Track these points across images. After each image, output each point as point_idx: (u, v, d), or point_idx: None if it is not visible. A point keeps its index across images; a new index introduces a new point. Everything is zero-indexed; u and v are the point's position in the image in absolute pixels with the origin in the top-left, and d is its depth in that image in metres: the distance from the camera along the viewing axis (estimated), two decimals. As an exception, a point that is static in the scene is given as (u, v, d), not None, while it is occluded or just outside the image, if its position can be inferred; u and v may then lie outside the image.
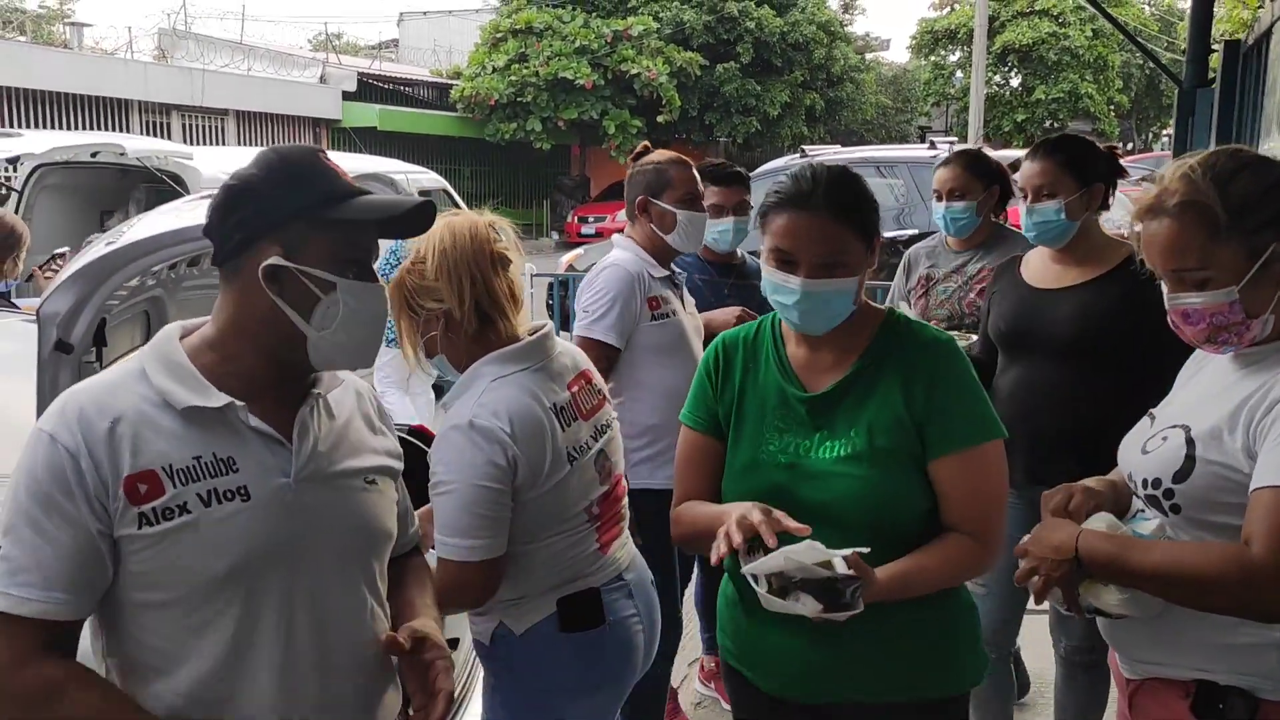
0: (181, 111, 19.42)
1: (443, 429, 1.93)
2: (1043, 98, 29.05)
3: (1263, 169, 1.56)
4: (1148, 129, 39.96)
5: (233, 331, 1.43)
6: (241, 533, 1.39)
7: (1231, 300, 1.53)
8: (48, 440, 1.33)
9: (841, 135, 28.27)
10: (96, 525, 1.33)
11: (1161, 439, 1.63)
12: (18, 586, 1.30)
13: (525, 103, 23.16)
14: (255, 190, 1.41)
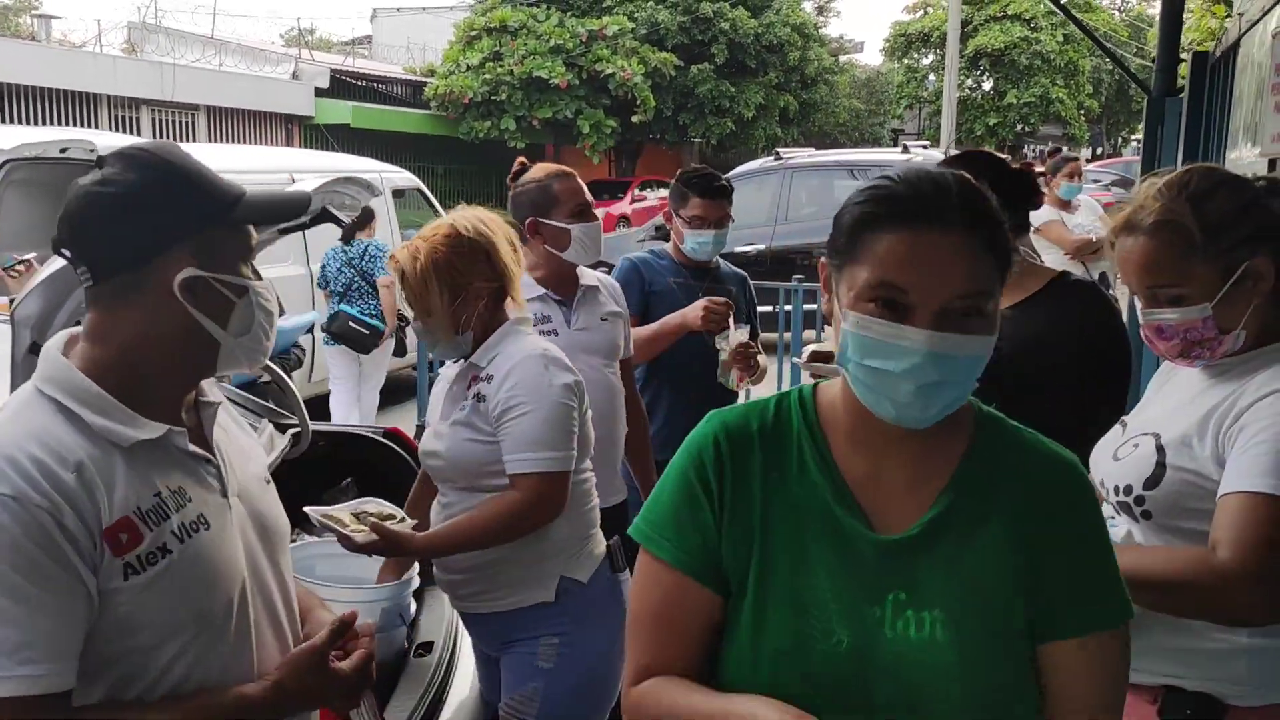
0: (151, 106, 19.21)
1: (510, 363, 2.11)
2: (1014, 101, 29.34)
3: (1237, 188, 1.59)
4: (1117, 134, 40.46)
5: (139, 350, 1.32)
6: (214, 562, 1.35)
7: (1205, 316, 1.56)
8: (11, 504, 1.18)
9: (815, 138, 28.41)
10: (93, 581, 1.23)
11: (1133, 446, 1.65)
12: (21, 665, 1.17)
13: (500, 101, 23.10)
14: (150, 197, 1.31)
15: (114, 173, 1.33)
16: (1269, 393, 1.51)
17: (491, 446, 2.12)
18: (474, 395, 2.15)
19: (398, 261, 2.20)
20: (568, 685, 2.17)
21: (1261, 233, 1.55)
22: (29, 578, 1.18)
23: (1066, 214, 6.42)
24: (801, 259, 9.22)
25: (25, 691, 1.17)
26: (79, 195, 1.33)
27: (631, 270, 3.33)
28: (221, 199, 1.36)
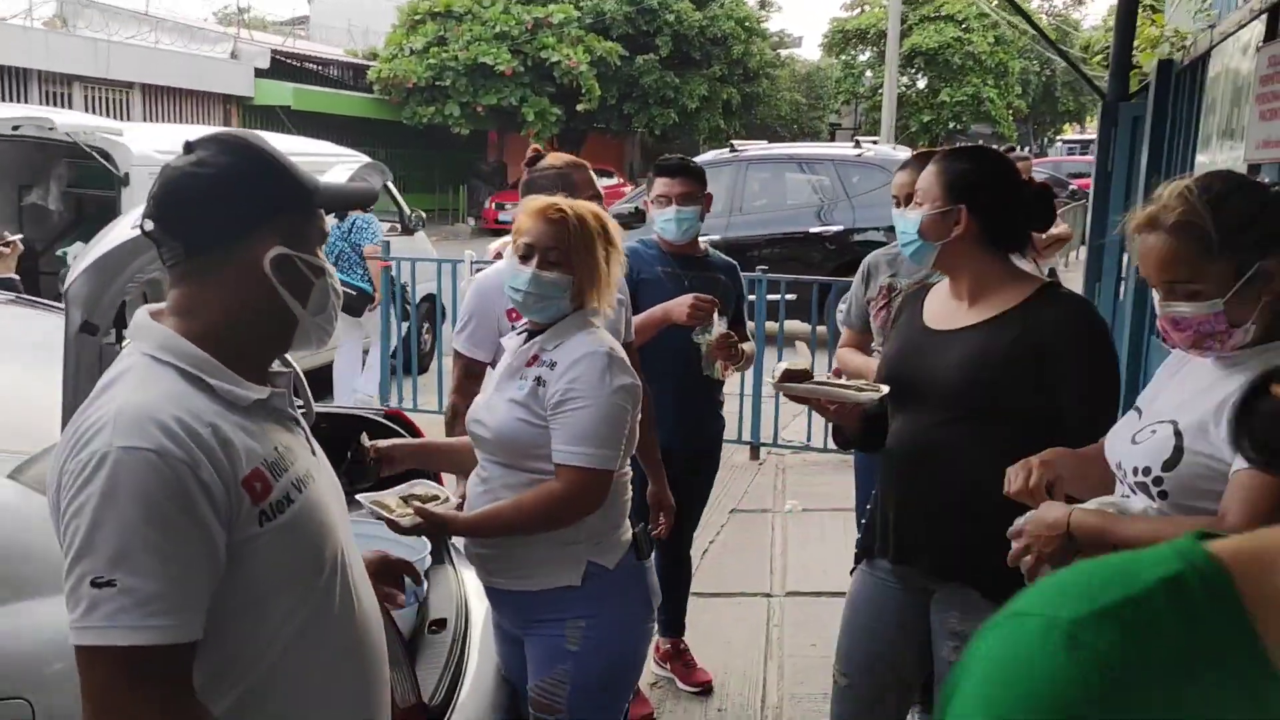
0: (84, 83, 18.69)
1: (575, 355, 2.17)
2: (947, 100, 29.92)
3: (1253, 193, 1.71)
4: (1043, 134, 41.43)
5: (228, 323, 1.40)
6: (323, 514, 1.45)
7: (1216, 311, 1.66)
8: (154, 459, 1.24)
9: (756, 130, 28.65)
10: (223, 535, 1.29)
11: (1150, 431, 1.76)
12: (154, 616, 1.21)
13: (444, 87, 22.91)
14: (246, 180, 1.40)
15: (208, 155, 1.40)
16: None
17: (542, 430, 2.16)
18: (534, 379, 2.19)
19: (565, 209, 2.22)
20: (596, 667, 2.23)
21: (1273, 235, 1.66)
22: (163, 531, 1.24)
23: (1018, 211, 6.63)
24: (755, 250, 9.36)
25: (155, 641, 1.22)
26: (175, 175, 1.39)
27: None
28: (304, 186, 1.45)
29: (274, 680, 1.38)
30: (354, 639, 1.50)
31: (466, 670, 2.44)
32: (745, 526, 5.38)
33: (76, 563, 1.24)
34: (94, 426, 1.28)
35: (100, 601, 1.21)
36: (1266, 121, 2.19)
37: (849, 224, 9.72)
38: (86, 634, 1.23)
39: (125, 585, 1.21)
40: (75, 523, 1.24)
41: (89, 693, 1.24)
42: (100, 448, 1.25)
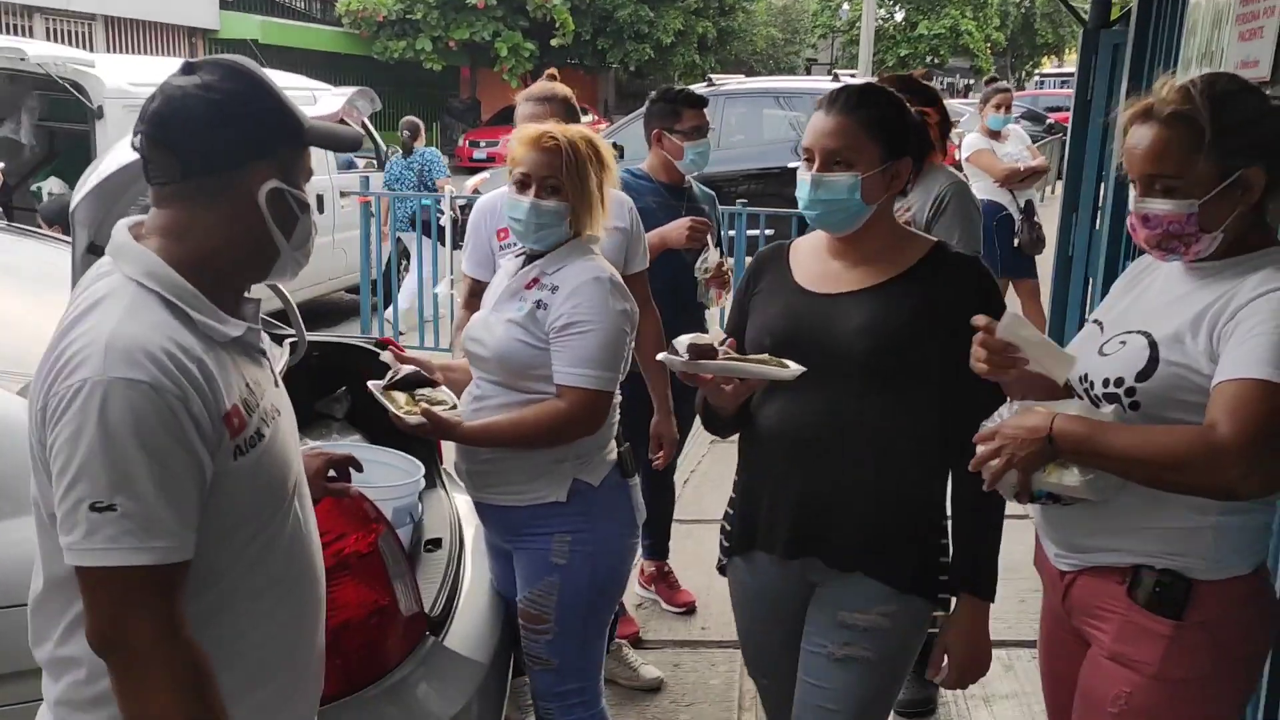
0: (45, 15, 18.20)
1: (577, 280, 2.23)
2: (925, 33, 29.75)
3: (1255, 98, 1.69)
4: (1022, 67, 41.26)
5: (213, 249, 1.40)
6: (286, 447, 1.49)
7: (1191, 212, 1.65)
8: (149, 392, 1.26)
9: (732, 65, 28.37)
10: (209, 465, 1.33)
11: (1120, 343, 1.76)
12: (156, 538, 1.26)
13: (415, 20, 22.49)
14: (253, 109, 1.39)
15: (215, 80, 1.38)
16: (1265, 291, 1.61)
17: (540, 352, 2.23)
18: (535, 302, 2.24)
19: (557, 137, 2.26)
20: (582, 580, 2.32)
21: (1262, 146, 1.65)
22: (159, 459, 1.27)
23: (996, 143, 6.67)
24: (733, 185, 9.35)
25: (157, 561, 1.27)
26: (178, 95, 1.37)
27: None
28: (299, 122, 1.44)
29: (229, 600, 1.42)
30: (301, 562, 1.53)
31: (462, 585, 2.52)
32: (725, 457, 5.45)
33: (72, 487, 1.26)
34: (81, 353, 1.28)
35: (101, 525, 1.25)
36: (1245, 42, 2.23)
37: (827, 158, 9.72)
38: (89, 555, 1.26)
39: (126, 509, 1.25)
40: (69, 449, 1.26)
41: (92, 611, 1.28)
42: (92, 375, 1.26)
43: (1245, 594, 1.72)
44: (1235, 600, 1.71)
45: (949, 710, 3.26)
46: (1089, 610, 1.82)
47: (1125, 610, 1.74)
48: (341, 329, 8.21)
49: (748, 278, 2.12)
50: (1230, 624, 1.71)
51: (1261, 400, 1.53)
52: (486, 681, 2.30)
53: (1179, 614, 1.69)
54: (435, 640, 2.23)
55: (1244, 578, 1.72)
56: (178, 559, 1.29)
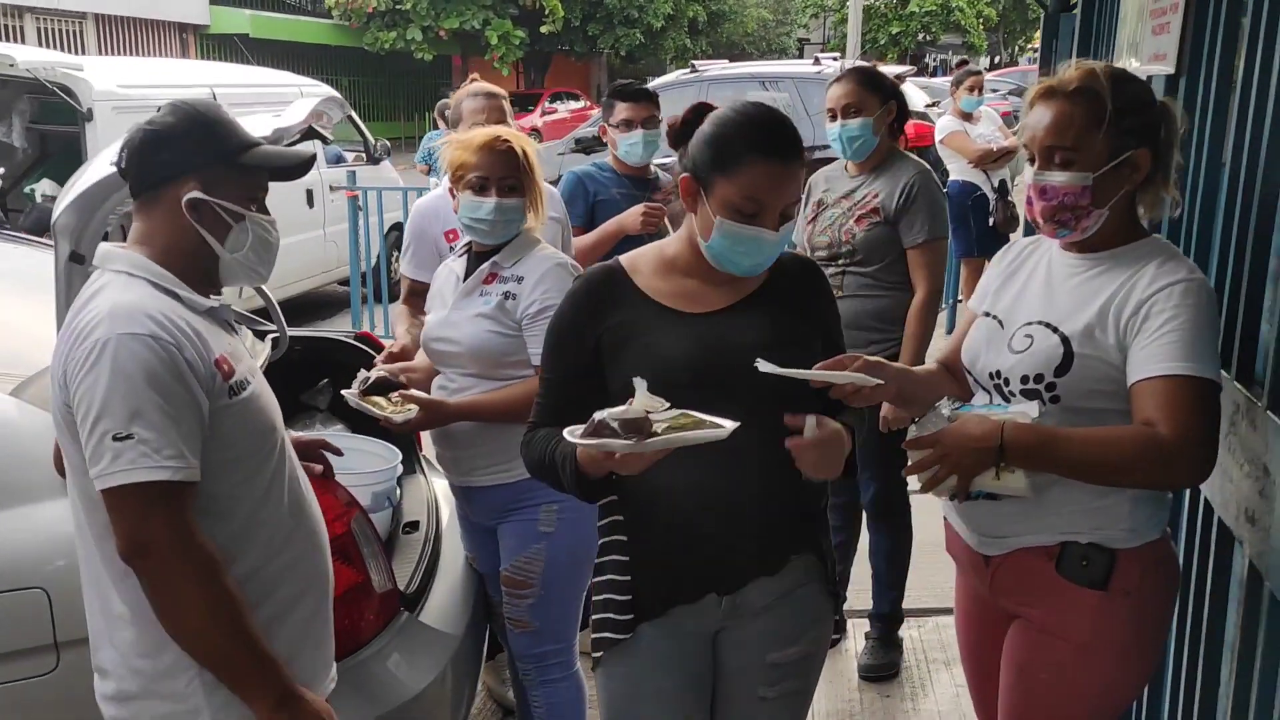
0: (36, 15, 18.27)
1: (542, 269, 2.40)
2: (916, 10, 29.67)
3: (1145, 87, 1.83)
4: (1014, 43, 41.14)
5: (169, 252, 1.68)
6: (268, 407, 1.76)
7: (1085, 185, 1.74)
8: (150, 341, 1.54)
9: (723, 48, 28.38)
10: (205, 402, 1.60)
11: (1026, 338, 1.83)
12: (166, 459, 1.52)
13: (405, 11, 22.54)
14: (177, 136, 1.68)
15: (159, 116, 1.72)
16: (1164, 285, 1.71)
17: (512, 340, 2.40)
18: (502, 293, 2.41)
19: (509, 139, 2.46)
20: (567, 546, 2.47)
21: (1151, 130, 1.77)
22: (165, 396, 1.54)
23: (969, 125, 6.79)
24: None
25: (170, 478, 1.53)
26: (135, 129, 1.71)
27: (576, 183, 3.55)
28: (230, 144, 1.72)
29: (252, 529, 1.69)
30: (305, 502, 1.81)
31: (439, 564, 2.67)
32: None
33: (96, 425, 1.52)
34: (91, 322, 1.56)
35: (123, 451, 1.51)
36: (1156, 36, 2.36)
37: (809, 141, 9.77)
38: (115, 477, 1.52)
39: (141, 436, 1.51)
40: (89, 396, 1.53)
41: (120, 527, 1.54)
42: (102, 335, 1.54)
43: (1158, 558, 1.84)
44: (1151, 565, 1.83)
45: (911, 673, 3.41)
46: (1019, 589, 1.90)
47: (1054, 586, 1.83)
48: (334, 322, 8.35)
49: (584, 310, 1.85)
50: (1149, 589, 1.83)
51: (1191, 397, 1.65)
52: (460, 652, 2.45)
53: (1105, 584, 1.80)
54: (410, 615, 2.38)
55: (1155, 542, 1.84)
56: (185, 478, 1.55)
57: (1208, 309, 1.72)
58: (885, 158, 3.15)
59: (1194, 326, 1.68)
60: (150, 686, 1.63)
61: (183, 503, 1.56)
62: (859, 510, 3.43)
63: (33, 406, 2.12)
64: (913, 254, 3.09)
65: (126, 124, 4.43)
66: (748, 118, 1.74)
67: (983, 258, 6.92)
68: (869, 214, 3.10)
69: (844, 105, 3.09)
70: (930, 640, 3.58)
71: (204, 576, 1.56)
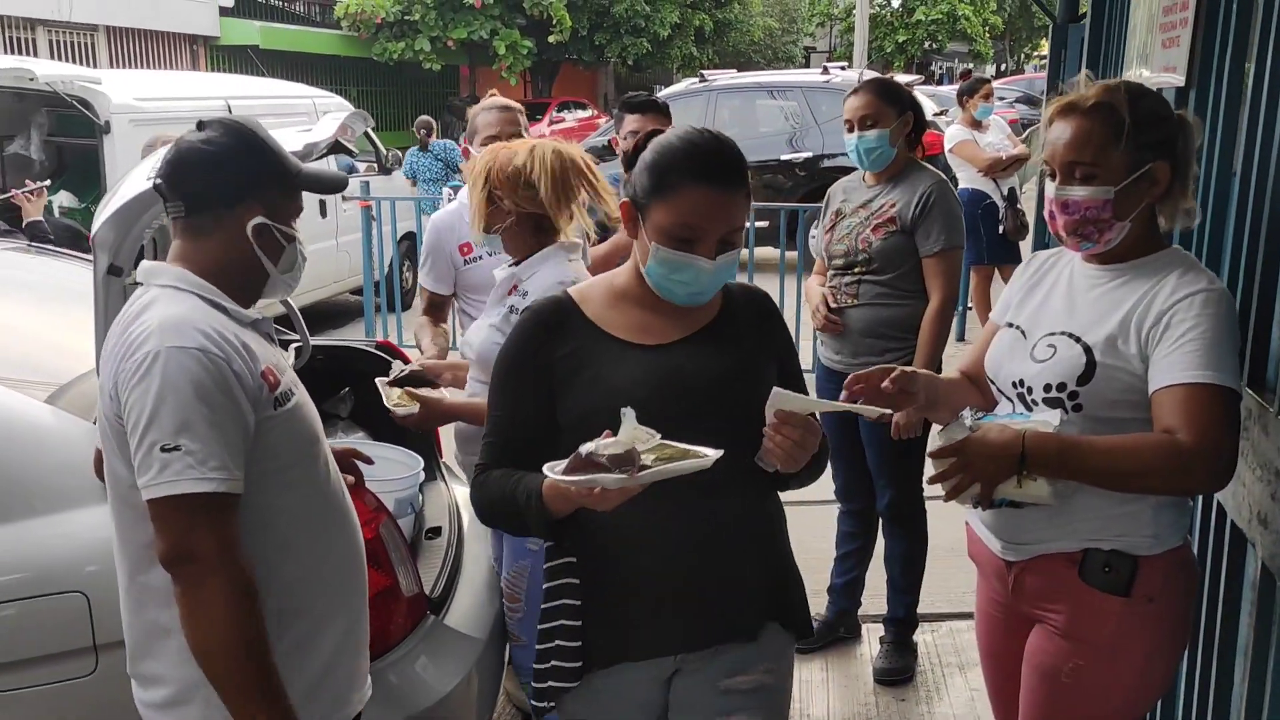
0: (48, 27, 18.41)
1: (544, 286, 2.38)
2: (923, 18, 29.71)
3: (1161, 101, 1.85)
4: (1020, 50, 41.19)
5: (215, 272, 1.71)
6: (311, 417, 1.81)
7: (1107, 199, 1.77)
8: (199, 355, 1.57)
9: (730, 57, 28.48)
10: (252, 414, 1.63)
11: (1049, 347, 1.86)
12: (211, 471, 1.55)
13: (413, 21, 22.64)
14: (234, 158, 1.69)
15: (215, 135, 1.71)
16: (1185, 295, 1.74)
17: None
18: (509, 306, 2.45)
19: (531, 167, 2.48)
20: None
21: (1168, 143, 1.80)
22: (212, 408, 1.57)
23: (978, 133, 6.84)
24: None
25: (215, 489, 1.56)
26: (186, 148, 1.71)
27: None
28: (287, 169, 1.77)
29: (293, 538, 1.72)
30: (344, 511, 1.84)
31: (461, 568, 2.71)
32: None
33: (145, 436, 1.56)
34: (141, 335, 1.60)
35: (170, 462, 1.54)
36: (1166, 49, 2.40)
37: (818, 150, 9.90)
38: (161, 488, 1.55)
39: (188, 448, 1.54)
40: (139, 407, 1.56)
41: (165, 536, 1.57)
42: (152, 348, 1.58)
43: (1179, 563, 1.87)
44: (1172, 571, 1.85)
45: (926, 677, 3.44)
46: (1041, 594, 1.92)
47: (1077, 591, 1.85)
48: (346, 331, 8.42)
49: (531, 343, 1.77)
50: (1170, 595, 1.85)
51: (1212, 404, 1.68)
52: (484, 656, 2.49)
53: (1127, 591, 1.82)
54: (435, 619, 2.43)
55: (1177, 549, 1.87)
56: (229, 490, 1.58)
57: (1228, 318, 1.74)
58: (903, 168, 3.19)
59: (1214, 335, 1.71)
60: (193, 693, 1.65)
61: (226, 514, 1.59)
62: (874, 516, 3.47)
63: (68, 414, 2.17)
64: (928, 262, 3.12)
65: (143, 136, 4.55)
66: (688, 143, 1.69)
67: (992, 265, 6.97)
68: (886, 223, 3.14)
69: (861, 117, 3.13)
70: (944, 644, 3.61)
71: (236, 595, 1.57)
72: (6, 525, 1.99)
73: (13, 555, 1.98)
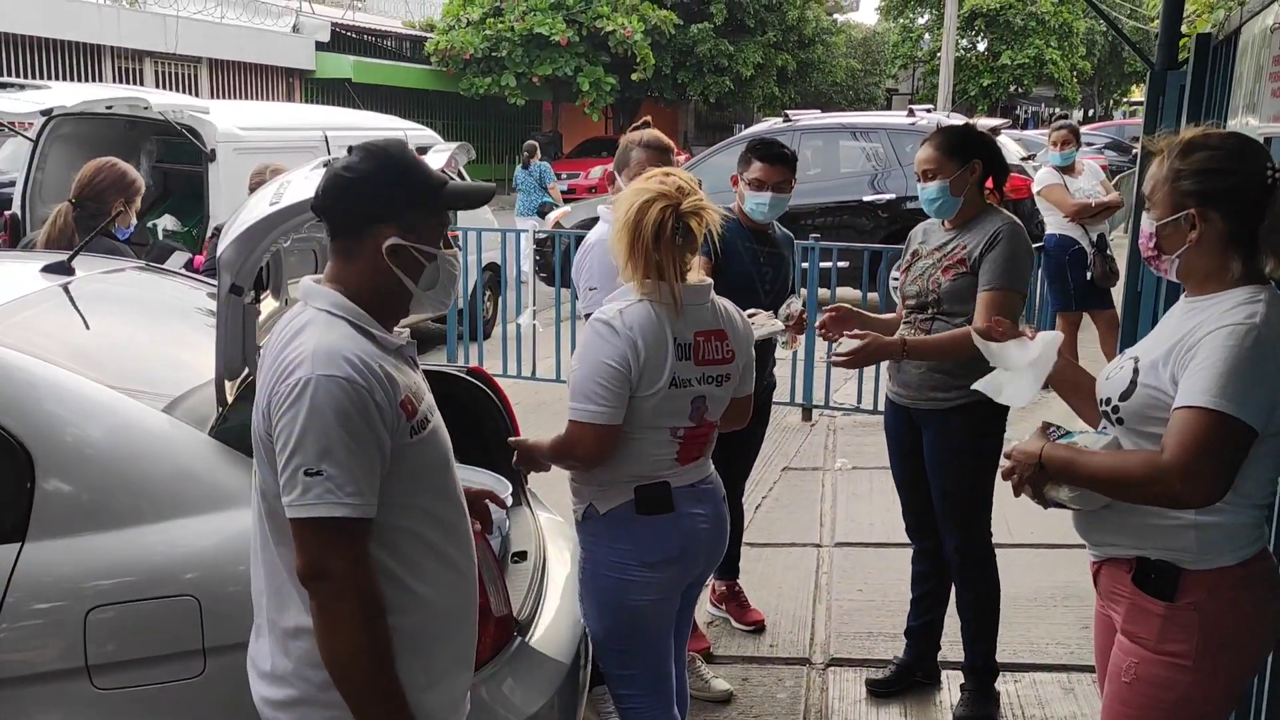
0: (154, 58, 19.27)
1: (592, 320, 2.44)
2: (1008, 63, 29.49)
3: (1219, 158, 1.95)
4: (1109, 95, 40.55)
5: (370, 294, 1.79)
6: (445, 443, 1.87)
7: (1151, 231, 1.99)
8: (345, 384, 1.65)
9: (811, 97, 28.53)
10: (389, 442, 1.70)
11: (1119, 368, 2.06)
12: (347, 496, 1.63)
13: (500, 58, 23.19)
14: (370, 182, 1.76)
15: (355, 161, 1.79)
16: (1215, 327, 1.88)
17: None
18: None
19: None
20: (589, 591, 2.57)
21: (1214, 196, 1.92)
22: (353, 436, 1.64)
23: (1070, 178, 6.74)
24: (810, 218, 9.53)
25: (351, 514, 1.64)
26: (331, 175, 1.79)
27: None
28: (426, 189, 1.81)
29: (422, 565, 1.79)
30: (466, 540, 1.89)
31: (547, 592, 2.75)
32: (797, 483, 5.64)
33: (291, 459, 1.64)
34: (296, 360, 1.68)
35: (312, 486, 1.63)
36: (1277, 98, 2.38)
37: (902, 192, 9.85)
38: (303, 509, 1.64)
39: (329, 474, 1.63)
40: (288, 430, 1.65)
41: (303, 553, 1.66)
42: (304, 375, 1.66)
43: (1232, 582, 1.95)
44: (1223, 587, 1.94)
45: (1008, 729, 3.38)
46: (1109, 594, 2.10)
47: (1131, 594, 2.01)
48: (428, 357, 8.57)
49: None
50: (1219, 607, 1.94)
51: (1201, 427, 1.81)
52: (567, 681, 2.52)
53: (1171, 596, 1.96)
54: (522, 640, 2.46)
55: (1230, 568, 1.95)
56: (363, 515, 1.67)
57: (1252, 351, 1.83)
58: (977, 212, 3.22)
59: (1229, 365, 1.81)
60: (316, 695, 1.73)
61: (359, 537, 1.67)
62: (944, 557, 3.43)
63: (184, 423, 2.27)
64: (981, 296, 3.11)
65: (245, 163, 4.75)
66: None
67: (1080, 312, 6.85)
68: (955, 264, 3.18)
69: (924, 170, 3.22)
70: (1028, 696, 3.54)
71: (365, 615, 1.66)
72: (124, 530, 2.08)
73: (127, 559, 2.07)
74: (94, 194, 3.91)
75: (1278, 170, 1.91)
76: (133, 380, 2.45)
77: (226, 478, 2.16)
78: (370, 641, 1.66)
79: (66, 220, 3.87)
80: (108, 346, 2.71)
